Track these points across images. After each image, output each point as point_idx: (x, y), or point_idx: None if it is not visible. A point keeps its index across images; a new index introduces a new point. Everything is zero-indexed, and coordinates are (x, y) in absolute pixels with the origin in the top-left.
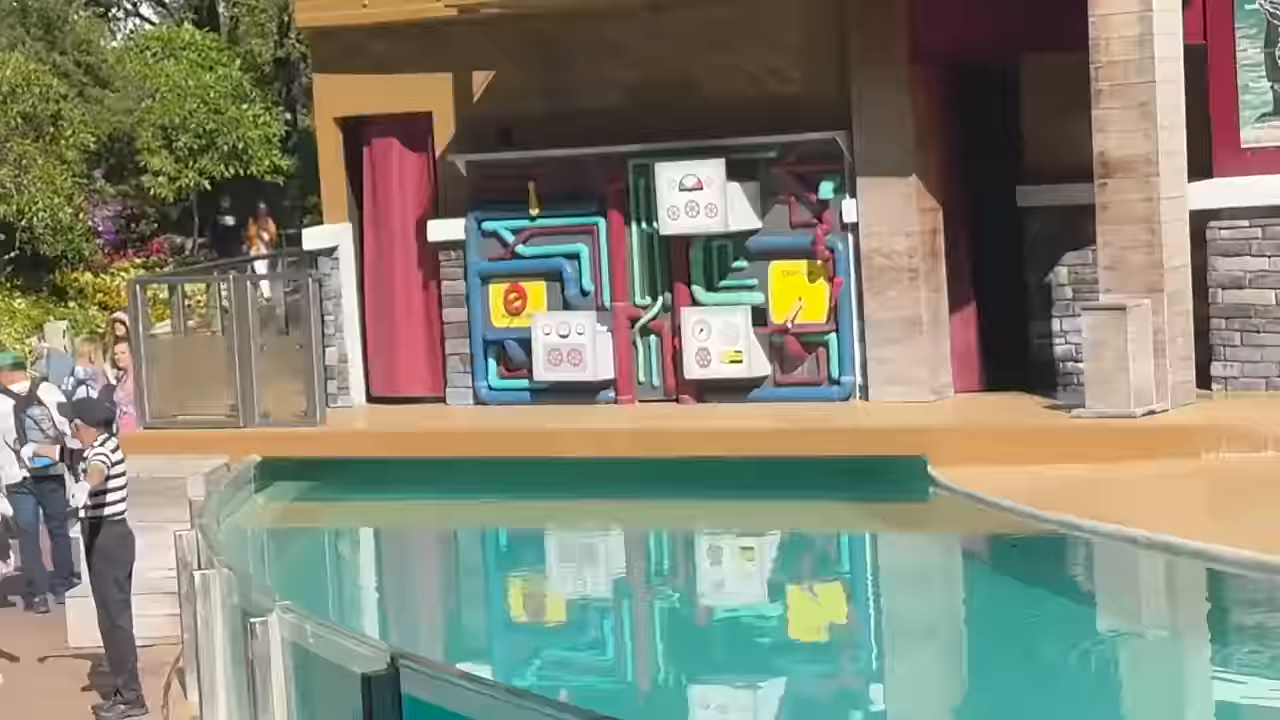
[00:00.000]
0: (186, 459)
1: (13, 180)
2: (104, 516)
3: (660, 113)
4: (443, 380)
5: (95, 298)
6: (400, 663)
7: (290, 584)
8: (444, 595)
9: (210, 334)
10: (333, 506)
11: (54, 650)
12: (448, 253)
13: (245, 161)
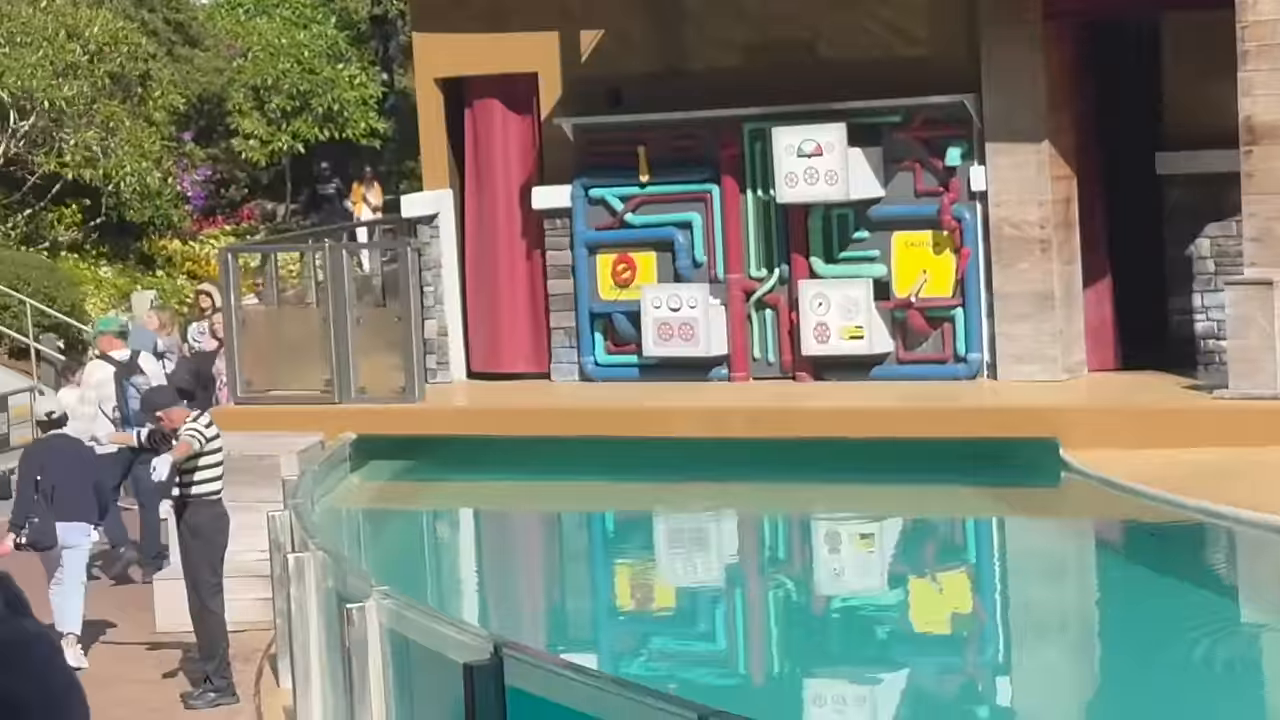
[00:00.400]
0: (279, 436)
1: (99, 143)
2: (197, 495)
3: (779, 73)
4: (547, 355)
5: (183, 266)
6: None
7: (387, 568)
8: (547, 581)
9: (305, 306)
10: (431, 487)
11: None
12: (553, 221)
13: (340, 124)
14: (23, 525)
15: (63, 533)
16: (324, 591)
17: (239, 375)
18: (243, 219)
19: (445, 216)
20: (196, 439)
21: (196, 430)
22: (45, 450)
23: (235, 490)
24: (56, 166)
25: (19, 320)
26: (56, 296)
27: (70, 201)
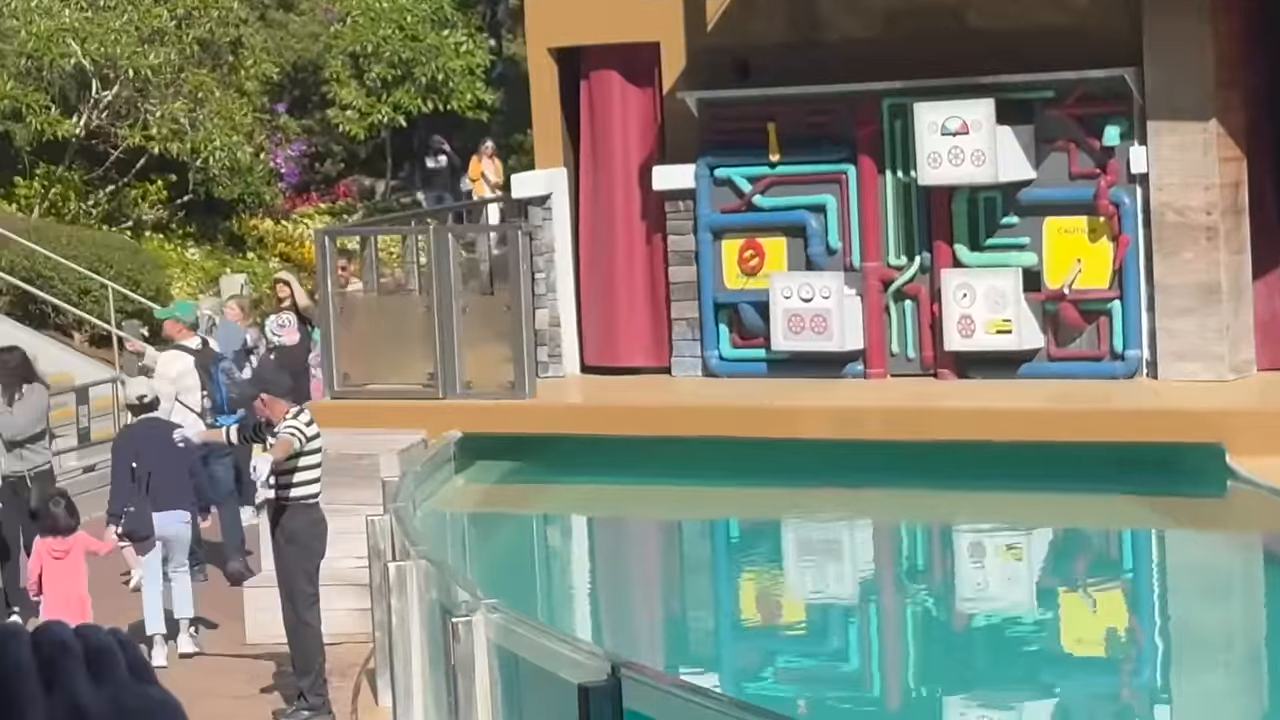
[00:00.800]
0: (378, 434)
1: (187, 115)
2: (294, 499)
3: (922, 44)
4: (667, 348)
5: (275, 248)
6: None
7: (494, 577)
8: (665, 593)
9: (406, 293)
10: (542, 489)
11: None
12: (675, 203)
13: (445, 95)
14: (120, 516)
15: (160, 522)
16: (427, 603)
17: (335, 368)
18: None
19: (558, 197)
20: (297, 437)
21: (297, 428)
22: (138, 436)
23: (332, 492)
24: (141, 140)
25: (100, 306)
26: (140, 280)
27: (155, 177)
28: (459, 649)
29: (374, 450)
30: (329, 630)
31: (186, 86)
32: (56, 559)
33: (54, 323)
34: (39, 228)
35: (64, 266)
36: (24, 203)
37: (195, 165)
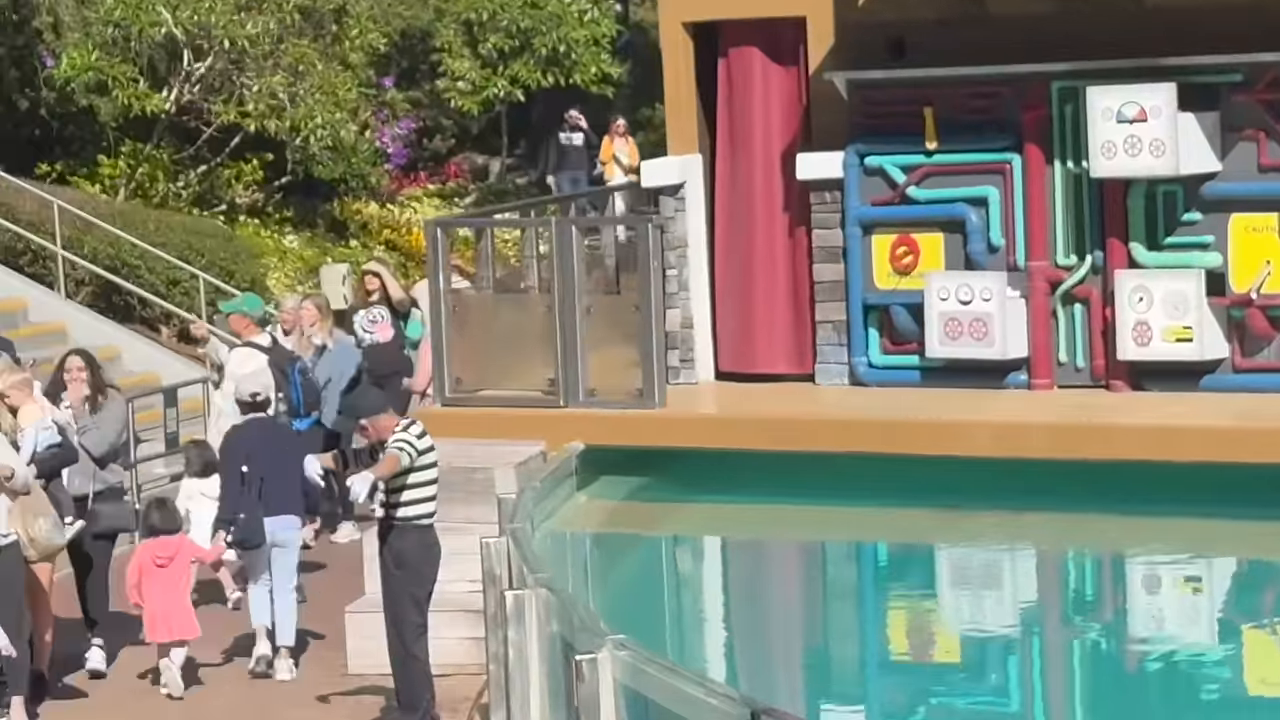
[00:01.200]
0: (494, 444)
1: (286, 89)
2: (405, 518)
3: (1097, 22)
4: (810, 354)
5: (380, 235)
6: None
7: (620, 606)
8: (808, 625)
9: (525, 290)
10: (671, 508)
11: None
12: (821, 194)
13: (566, 68)
14: (231, 522)
15: (271, 529)
16: (547, 636)
17: (447, 372)
18: (449, 176)
19: (693, 186)
20: (406, 452)
21: (406, 441)
22: (249, 437)
23: (443, 508)
24: (235, 116)
25: (190, 298)
26: (234, 270)
27: (250, 157)
28: (583, 689)
29: (489, 463)
30: (438, 661)
31: (286, 58)
32: (159, 566)
33: (140, 316)
34: (124, 212)
35: (151, 255)
36: (108, 184)
37: (294, 144)
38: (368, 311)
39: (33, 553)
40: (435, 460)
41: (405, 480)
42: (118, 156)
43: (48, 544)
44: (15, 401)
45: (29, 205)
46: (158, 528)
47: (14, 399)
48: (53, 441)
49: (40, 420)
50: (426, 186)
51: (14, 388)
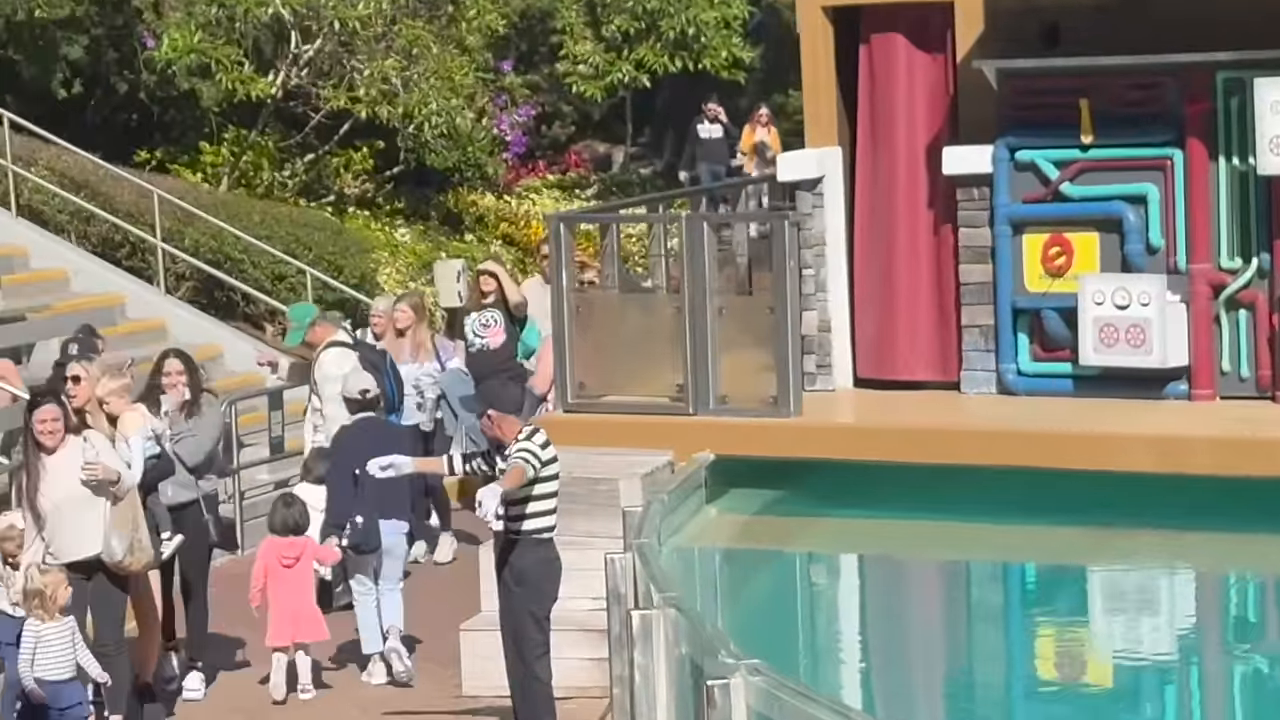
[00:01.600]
0: (618, 454)
1: (399, 74)
2: (526, 533)
3: (1265, 8)
4: (956, 361)
5: (497, 228)
6: None
7: (752, 627)
8: (950, 648)
9: (652, 290)
10: (806, 523)
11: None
12: (968, 190)
13: (695, 51)
14: (343, 526)
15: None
16: (675, 658)
17: (570, 376)
18: (569, 165)
19: (832, 181)
20: (530, 463)
21: (530, 452)
22: (360, 436)
23: (564, 521)
24: (345, 102)
25: (297, 294)
26: (343, 265)
27: (360, 145)
28: (714, 716)
29: (613, 474)
30: (559, 683)
31: (399, 40)
32: (286, 566)
33: (243, 313)
34: (228, 202)
35: (255, 248)
36: (210, 172)
37: (407, 131)
38: (480, 314)
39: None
40: (558, 471)
41: (528, 492)
42: (221, 144)
43: (144, 558)
44: (115, 409)
45: (127, 195)
46: (286, 526)
47: (113, 406)
48: (152, 452)
49: (143, 429)
50: (545, 177)
51: (113, 394)
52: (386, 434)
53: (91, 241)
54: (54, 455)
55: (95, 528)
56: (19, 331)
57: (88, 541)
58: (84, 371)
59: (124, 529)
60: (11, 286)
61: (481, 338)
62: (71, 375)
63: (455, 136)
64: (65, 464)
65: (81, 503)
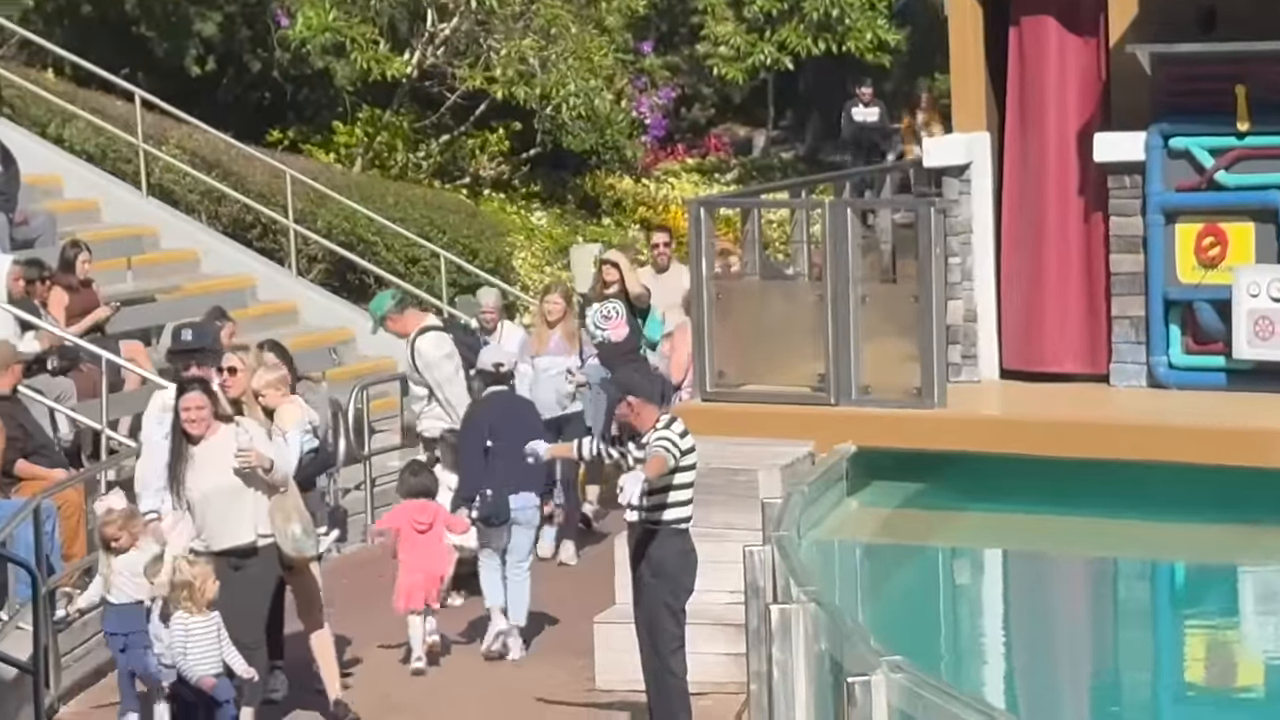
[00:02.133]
0: (757, 444)
1: (537, 54)
2: (664, 523)
3: None
4: (1105, 353)
5: (635, 212)
6: None
7: (894, 623)
8: (1096, 647)
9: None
10: (950, 517)
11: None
12: (1120, 178)
13: (839, 34)
14: (472, 499)
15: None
16: (814, 654)
17: (709, 365)
18: (708, 149)
19: (980, 167)
20: (671, 453)
21: (670, 440)
22: (492, 410)
23: (701, 512)
24: (481, 82)
25: (430, 277)
26: (478, 249)
27: (497, 126)
28: (855, 714)
29: (752, 465)
30: (695, 678)
31: (537, 20)
32: (419, 532)
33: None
34: (361, 183)
35: (389, 230)
36: (344, 153)
37: (544, 113)
38: (602, 305)
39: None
40: (695, 461)
41: (667, 481)
42: (354, 124)
43: (298, 552)
44: (271, 401)
45: (259, 175)
46: (414, 491)
47: (269, 399)
48: (310, 445)
49: (300, 421)
50: (685, 160)
51: (270, 386)
52: (518, 407)
53: (223, 222)
54: (202, 444)
55: (246, 517)
56: (149, 313)
57: (237, 531)
58: (240, 362)
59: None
60: (141, 267)
61: (603, 329)
62: (227, 366)
63: (593, 118)
64: (214, 453)
65: (231, 492)
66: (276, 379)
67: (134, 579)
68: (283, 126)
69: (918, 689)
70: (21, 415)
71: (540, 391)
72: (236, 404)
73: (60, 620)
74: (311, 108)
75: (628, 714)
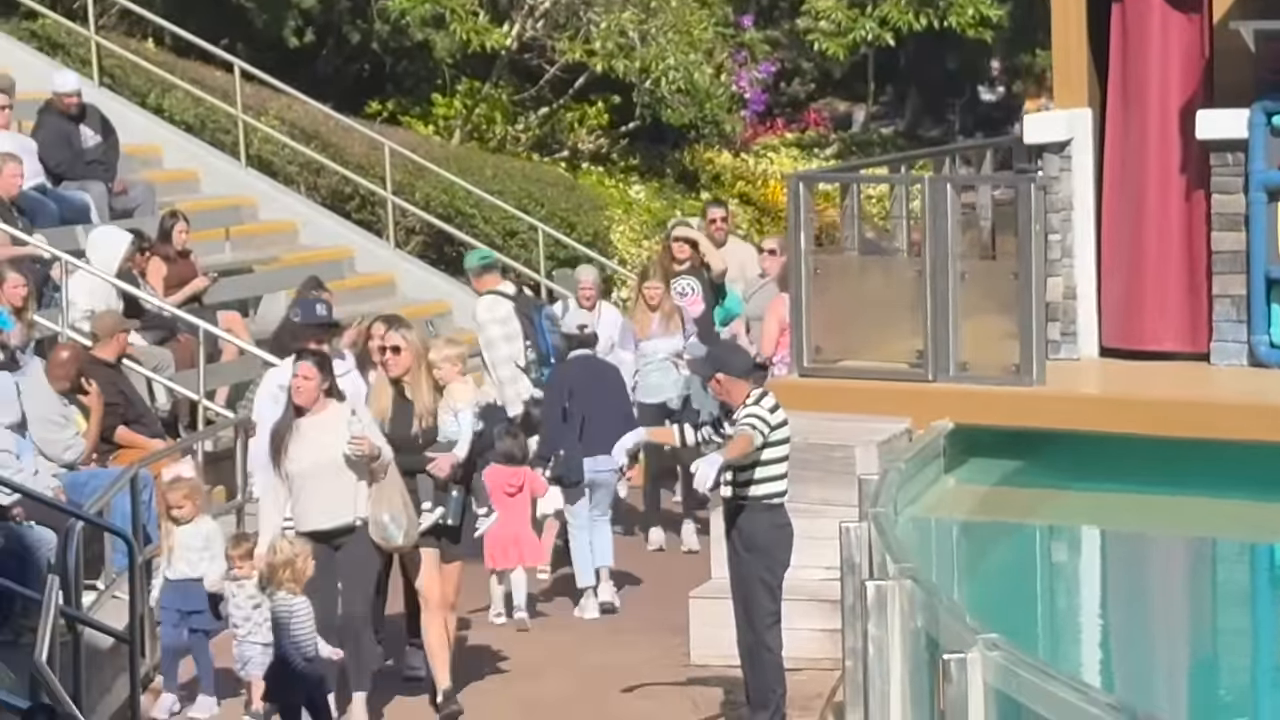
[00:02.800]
0: (854, 420)
1: (637, 27)
2: (755, 498)
3: None
4: (1206, 331)
5: (734, 187)
6: None
7: (991, 601)
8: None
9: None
10: (1047, 495)
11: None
12: (1222, 156)
13: (941, 9)
14: (549, 459)
15: (591, 468)
16: (910, 631)
17: (806, 340)
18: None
19: (1081, 144)
20: (759, 430)
21: (758, 417)
22: (573, 373)
23: (797, 488)
24: (581, 55)
25: (528, 250)
26: (575, 223)
27: (595, 99)
28: (950, 690)
29: (849, 440)
30: (790, 654)
31: None
32: (509, 495)
33: None
34: (459, 156)
35: (487, 203)
36: (442, 125)
37: (643, 86)
38: (675, 282)
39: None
40: (788, 436)
41: (758, 456)
42: (453, 96)
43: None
44: (445, 376)
45: (358, 147)
46: (509, 457)
47: (444, 373)
48: (476, 427)
49: (473, 401)
50: (784, 135)
51: (447, 361)
52: (599, 371)
53: (321, 193)
54: (308, 416)
55: (345, 497)
56: (246, 284)
57: (335, 510)
58: (403, 340)
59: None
60: (240, 238)
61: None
62: (391, 344)
63: (693, 92)
64: (319, 427)
65: (332, 470)
66: (455, 354)
67: (193, 553)
68: (381, 98)
69: (1014, 667)
70: (123, 383)
71: (650, 378)
72: (398, 383)
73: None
74: (410, 79)
75: (722, 689)
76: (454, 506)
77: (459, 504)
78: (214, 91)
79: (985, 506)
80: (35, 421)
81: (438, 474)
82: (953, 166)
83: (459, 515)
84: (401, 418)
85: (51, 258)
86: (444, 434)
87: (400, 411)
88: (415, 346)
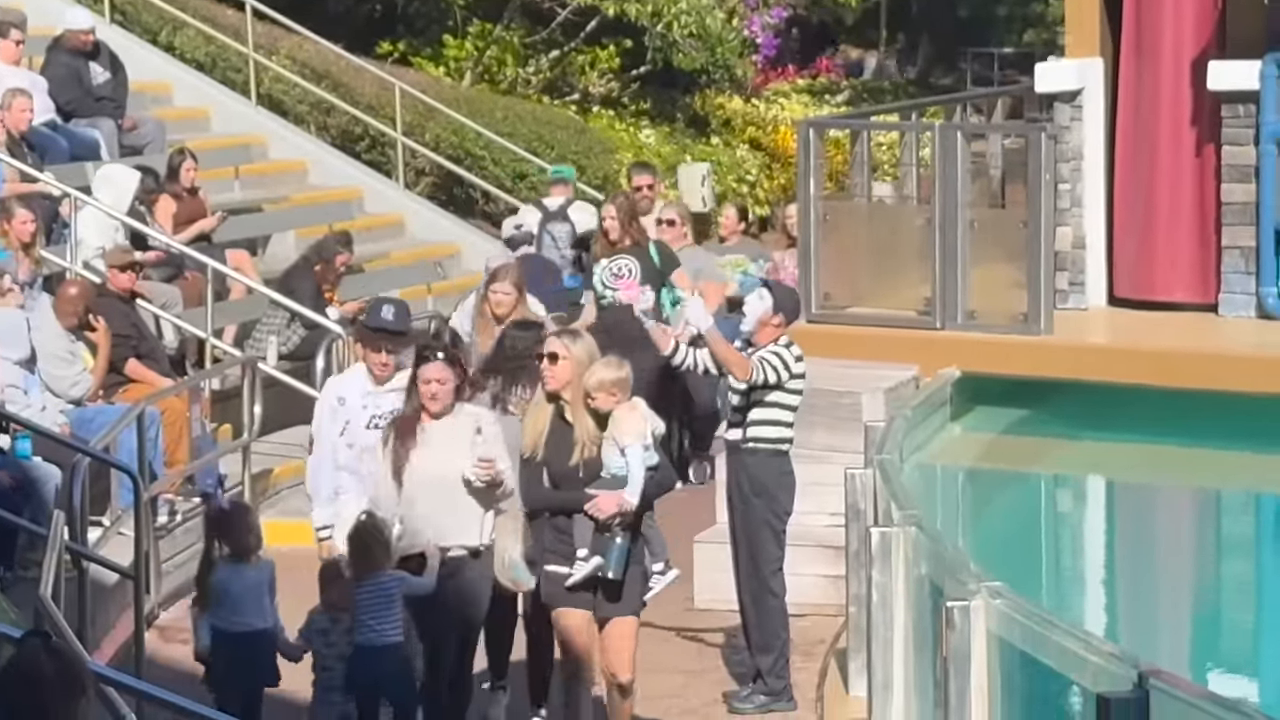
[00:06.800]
0: (861, 367)
1: None
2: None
3: None
4: (1214, 282)
5: (744, 132)
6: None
7: (995, 549)
8: (1197, 580)
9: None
10: (1053, 444)
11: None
12: (1233, 107)
13: None
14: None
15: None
16: (914, 578)
17: (815, 286)
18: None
19: (1092, 93)
20: (771, 366)
21: (778, 358)
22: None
23: (803, 434)
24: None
25: (539, 193)
26: (585, 166)
27: (607, 42)
28: (953, 638)
29: (856, 387)
30: (793, 600)
31: None
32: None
33: (482, 211)
34: (470, 98)
35: (497, 145)
36: (453, 67)
37: (655, 30)
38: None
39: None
40: (802, 387)
41: (764, 398)
42: (464, 37)
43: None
44: (603, 405)
45: (368, 87)
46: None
47: (601, 402)
48: (651, 462)
49: (643, 435)
50: (795, 81)
51: (605, 389)
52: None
53: (331, 133)
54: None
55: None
56: (255, 222)
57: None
58: (565, 350)
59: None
60: (249, 177)
61: (613, 289)
62: (548, 352)
63: (704, 37)
64: (442, 436)
65: (451, 486)
66: (615, 380)
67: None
68: (393, 39)
69: (1017, 615)
70: (135, 317)
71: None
72: (555, 397)
73: (161, 527)
74: (422, 20)
75: (723, 634)
76: (617, 556)
77: (624, 553)
78: (225, 30)
79: (991, 455)
80: (43, 357)
81: (597, 515)
82: (964, 115)
83: (622, 567)
84: (560, 445)
85: (61, 194)
86: (609, 469)
87: (559, 437)
88: (578, 358)
